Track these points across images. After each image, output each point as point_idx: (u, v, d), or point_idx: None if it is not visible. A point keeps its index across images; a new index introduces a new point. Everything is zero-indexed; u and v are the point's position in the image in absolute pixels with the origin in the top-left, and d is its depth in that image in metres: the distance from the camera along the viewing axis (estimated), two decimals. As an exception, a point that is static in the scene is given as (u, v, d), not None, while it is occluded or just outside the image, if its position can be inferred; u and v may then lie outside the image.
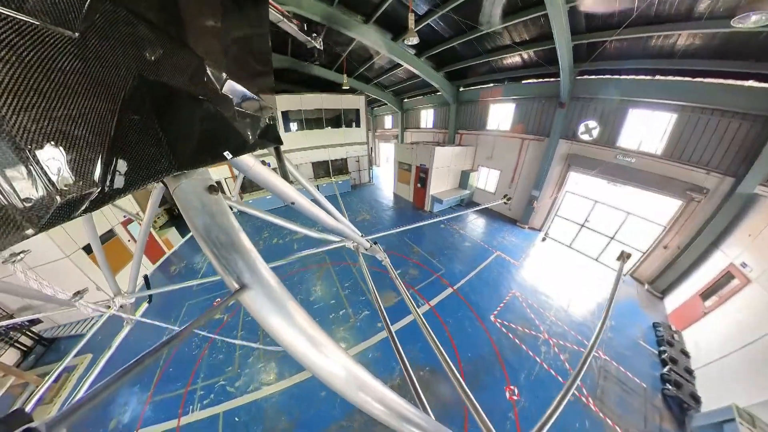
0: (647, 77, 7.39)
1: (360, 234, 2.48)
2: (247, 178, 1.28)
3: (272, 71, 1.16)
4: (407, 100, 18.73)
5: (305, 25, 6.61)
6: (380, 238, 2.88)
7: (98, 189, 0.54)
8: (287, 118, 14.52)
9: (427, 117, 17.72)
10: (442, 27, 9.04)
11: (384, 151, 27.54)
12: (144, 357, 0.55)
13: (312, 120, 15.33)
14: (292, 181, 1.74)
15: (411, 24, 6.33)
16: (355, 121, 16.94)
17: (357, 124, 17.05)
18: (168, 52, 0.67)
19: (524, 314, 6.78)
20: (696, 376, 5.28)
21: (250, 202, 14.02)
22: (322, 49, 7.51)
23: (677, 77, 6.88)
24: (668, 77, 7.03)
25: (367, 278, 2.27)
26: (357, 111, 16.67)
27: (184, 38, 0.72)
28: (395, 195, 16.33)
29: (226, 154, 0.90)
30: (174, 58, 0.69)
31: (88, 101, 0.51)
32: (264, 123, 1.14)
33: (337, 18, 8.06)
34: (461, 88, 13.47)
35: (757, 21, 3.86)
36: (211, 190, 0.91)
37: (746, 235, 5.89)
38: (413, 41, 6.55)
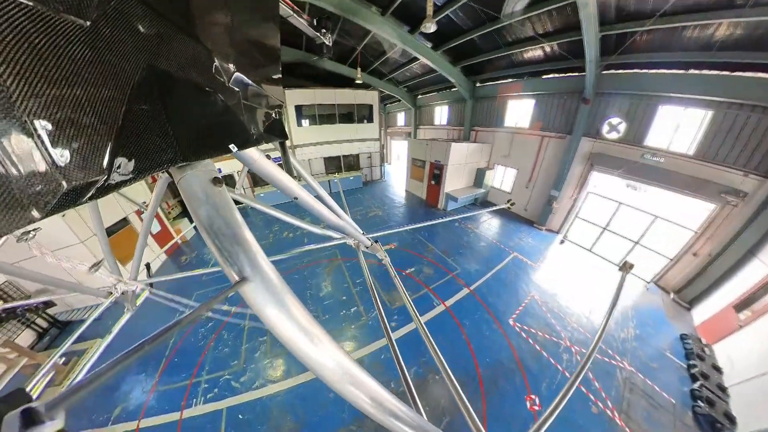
0: (680, 71, 6.92)
1: (361, 232, 2.49)
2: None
3: (280, 65, 1.15)
4: (421, 97, 18.49)
5: (315, 21, 6.51)
6: (382, 237, 2.87)
7: (105, 177, 0.54)
8: (300, 113, 14.55)
9: (441, 114, 17.42)
10: (461, 18, 8.73)
11: (395, 149, 27.37)
12: (143, 343, 0.56)
13: (325, 115, 15.35)
14: (296, 177, 1.75)
15: (429, 10, 6.12)
16: (368, 117, 16.83)
17: (370, 120, 16.94)
18: (177, 43, 0.68)
19: (545, 319, 6.47)
20: (730, 394, 4.91)
21: (262, 196, 14.10)
22: (331, 45, 7.42)
23: (713, 71, 6.41)
24: (703, 71, 6.55)
25: (367, 277, 2.28)
26: (370, 107, 16.55)
27: (194, 29, 0.73)
28: (407, 192, 16.13)
29: (232, 147, 0.90)
30: (183, 50, 0.70)
31: (98, 90, 0.51)
32: (270, 117, 1.14)
33: (353, 9, 7.90)
34: (478, 84, 13.14)
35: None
36: (216, 182, 0.91)
37: (790, 243, 5.43)
38: (431, 28, 6.34)
